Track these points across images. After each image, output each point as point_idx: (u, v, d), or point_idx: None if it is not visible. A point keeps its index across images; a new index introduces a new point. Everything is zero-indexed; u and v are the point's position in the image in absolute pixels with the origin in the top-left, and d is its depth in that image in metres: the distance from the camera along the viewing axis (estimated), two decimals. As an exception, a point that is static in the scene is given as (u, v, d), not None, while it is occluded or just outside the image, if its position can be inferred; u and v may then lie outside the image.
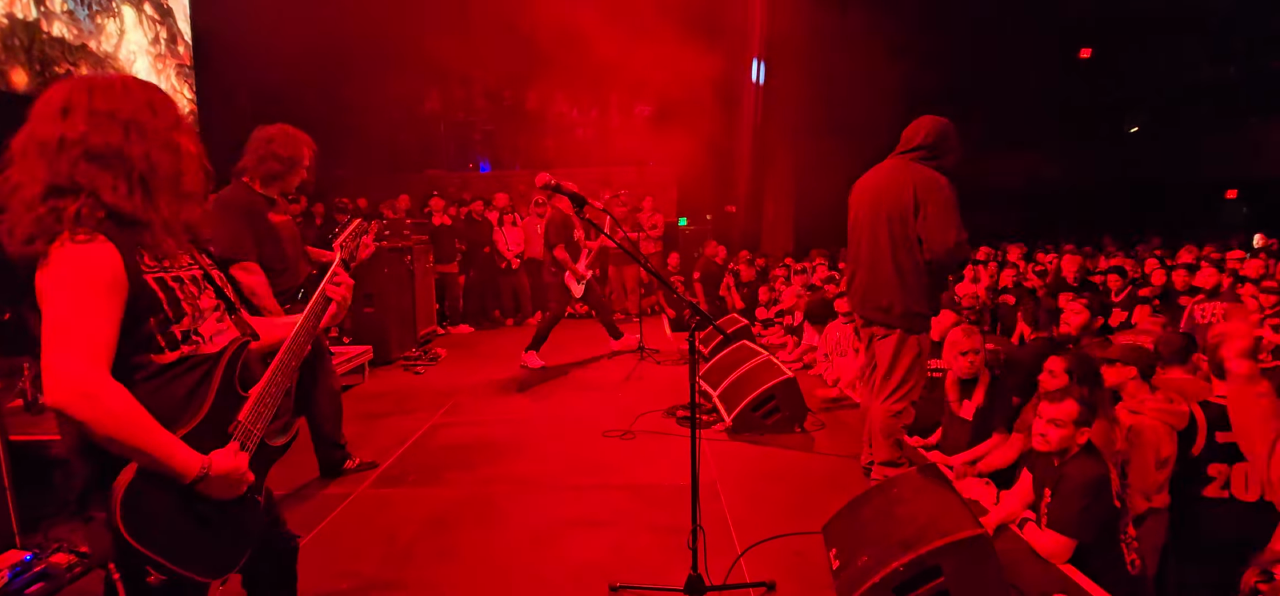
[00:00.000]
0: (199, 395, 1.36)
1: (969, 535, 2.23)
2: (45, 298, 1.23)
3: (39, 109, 1.32)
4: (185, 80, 9.20)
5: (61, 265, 1.23)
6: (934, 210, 3.15)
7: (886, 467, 3.39)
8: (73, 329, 1.21)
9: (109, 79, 1.37)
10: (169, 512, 1.27)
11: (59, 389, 1.19)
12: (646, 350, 6.55)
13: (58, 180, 1.26)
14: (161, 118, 1.38)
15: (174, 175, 1.38)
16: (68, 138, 1.28)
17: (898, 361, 3.32)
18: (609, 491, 3.52)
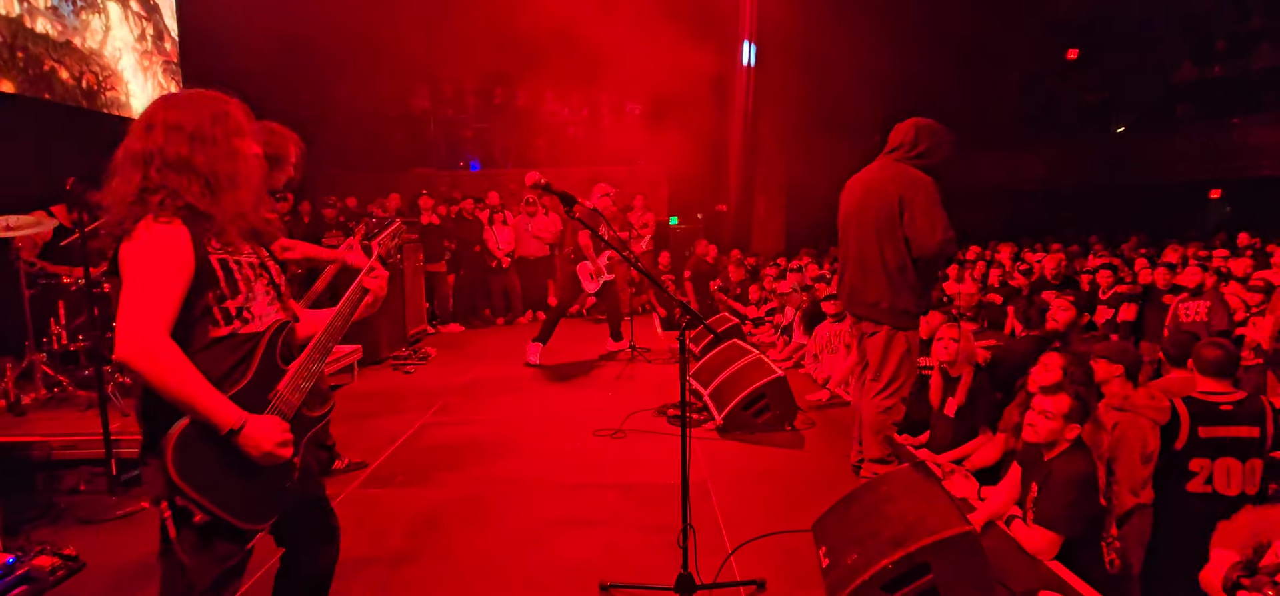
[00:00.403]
0: (244, 364, 1.57)
1: (957, 532, 2.25)
2: (125, 266, 1.48)
3: (134, 126, 1.59)
4: (172, 77, 9.10)
5: (142, 240, 1.47)
6: (919, 210, 3.19)
7: (876, 464, 3.41)
8: (143, 295, 1.44)
9: (183, 97, 1.64)
10: (213, 462, 1.48)
11: (125, 345, 1.41)
12: (637, 349, 6.55)
13: (147, 184, 1.52)
14: (222, 127, 1.60)
15: (233, 177, 1.60)
16: (149, 150, 1.54)
17: (887, 358, 3.35)
18: (599, 490, 3.52)
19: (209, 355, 1.52)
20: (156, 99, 1.64)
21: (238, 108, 1.67)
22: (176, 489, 1.45)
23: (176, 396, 1.43)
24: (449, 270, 8.75)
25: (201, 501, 1.46)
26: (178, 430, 1.45)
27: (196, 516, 1.47)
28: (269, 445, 1.53)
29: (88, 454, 3.57)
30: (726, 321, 6.70)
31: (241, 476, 1.53)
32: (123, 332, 1.41)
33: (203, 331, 1.54)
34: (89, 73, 7.67)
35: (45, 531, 3.11)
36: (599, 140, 12.24)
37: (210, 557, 1.51)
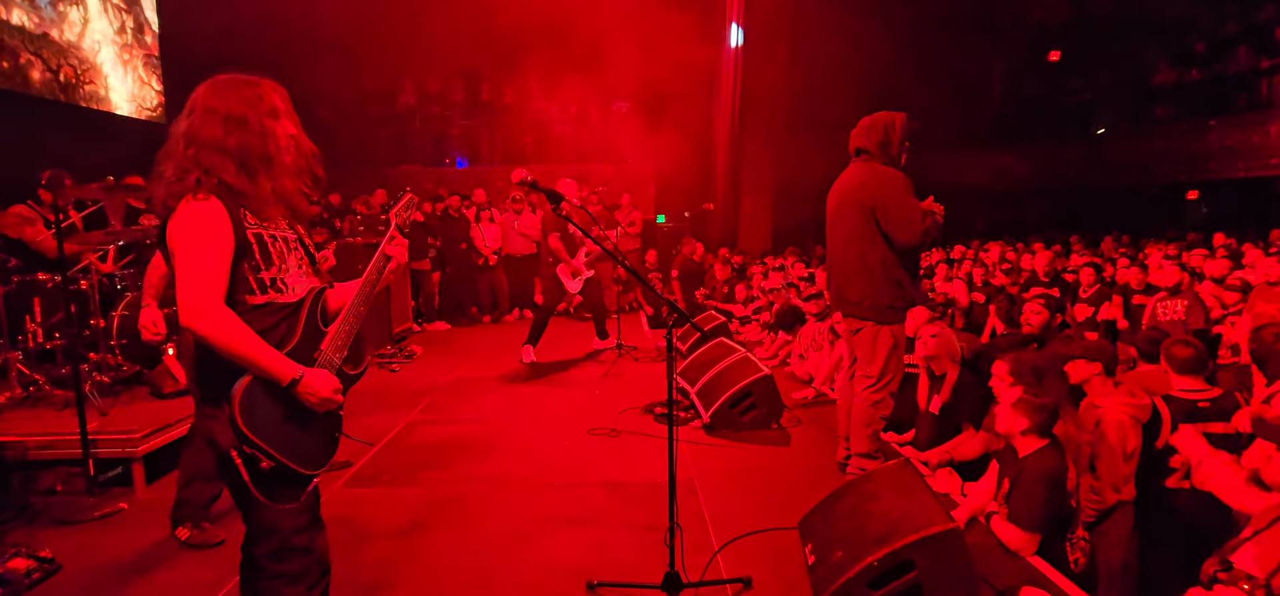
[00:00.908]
0: (289, 327, 1.72)
1: (941, 529, 2.27)
2: (173, 243, 1.62)
3: (183, 112, 1.70)
4: (153, 70, 8.95)
5: (184, 217, 1.61)
6: (892, 207, 3.26)
7: (863, 460, 3.44)
8: (195, 267, 1.58)
9: (223, 81, 1.72)
10: (275, 415, 1.65)
11: (188, 313, 1.55)
12: (624, 347, 6.55)
13: (186, 164, 1.65)
14: (255, 110, 1.70)
15: (267, 157, 1.71)
16: (189, 132, 1.67)
17: (875, 353, 3.39)
18: (586, 489, 3.51)
19: (250, 320, 1.64)
20: (204, 85, 1.72)
21: (272, 90, 1.76)
22: (244, 438, 1.60)
23: (241, 355, 1.59)
24: (434, 268, 8.69)
25: (268, 449, 1.62)
26: (242, 385, 1.60)
27: (263, 463, 1.63)
28: (326, 392, 1.71)
29: (64, 454, 3.50)
30: (713, 319, 6.71)
31: (299, 427, 1.70)
32: (184, 303, 1.56)
33: (240, 300, 1.66)
34: (67, 66, 7.53)
35: (20, 533, 3.05)
36: (586, 138, 12.21)
37: (280, 499, 1.70)
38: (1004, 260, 8.63)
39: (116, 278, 4.74)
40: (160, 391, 4.12)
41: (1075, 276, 6.62)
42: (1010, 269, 7.91)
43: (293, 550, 1.74)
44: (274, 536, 1.72)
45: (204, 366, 1.64)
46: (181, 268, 1.59)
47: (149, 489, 3.56)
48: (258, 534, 1.73)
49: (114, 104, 8.30)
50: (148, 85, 8.88)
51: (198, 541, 2.96)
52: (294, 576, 1.75)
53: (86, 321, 4.27)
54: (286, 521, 1.72)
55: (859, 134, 3.46)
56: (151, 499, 3.44)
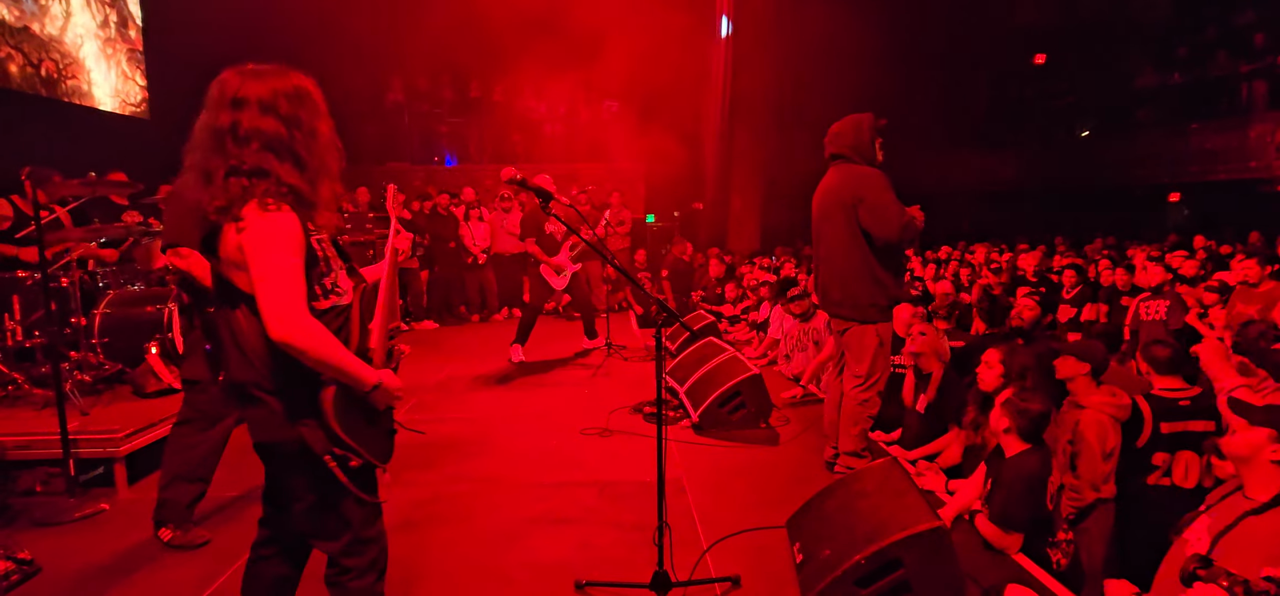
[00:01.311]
0: (345, 331, 1.73)
1: (928, 528, 2.28)
2: (253, 255, 1.55)
3: (216, 98, 1.62)
4: (137, 66, 8.83)
5: (264, 231, 1.55)
6: (872, 206, 3.30)
7: (851, 458, 3.46)
8: (281, 281, 1.55)
9: (269, 72, 1.66)
10: (356, 416, 1.70)
11: (281, 328, 1.53)
12: (614, 346, 6.55)
13: (243, 166, 1.58)
14: (306, 106, 1.68)
15: (322, 159, 1.70)
16: (245, 129, 1.58)
17: (862, 353, 3.41)
18: (575, 488, 3.51)
19: None
20: (232, 72, 1.65)
21: (314, 85, 1.73)
22: (338, 440, 1.65)
23: (332, 363, 1.60)
24: (423, 266, 8.64)
25: (357, 448, 1.68)
26: (330, 392, 1.63)
27: (353, 462, 1.69)
28: (395, 387, 1.77)
29: (44, 454, 3.45)
30: (702, 319, 6.73)
31: (372, 425, 1.76)
32: (276, 317, 1.54)
33: (310, 308, 1.65)
34: (49, 60, 7.41)
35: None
36: (576, 137, 12.18)
37: (367, 495, 1.77)
38: (990, 261, 8.72)
39: (98, 275, 4.67)
40: (143, 390, 4.07)
41: (1059, 277, 6.71)
42: (996, 269, 7.99)
43: (366, 541, 1.81)
44: (348, 531, 1.77)
45: (289, 376, 1.64)
46: (266, 281, 1.55)
47: (131, 489, 3.52)
48: (333, 532, 1.77)
49: (97, 100, 8.18)
50: (131, 80, 8.75)
51: (181, 542, 2.93)
52: (368, 566, 1.82)
53: (67, 319, 4.21)
54: (357, 515, 1.78)
55: (832, 139, 3.52)
56: (134, 499, 3.39)
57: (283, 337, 1.54)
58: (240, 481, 3.53)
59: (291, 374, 1.62)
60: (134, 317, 4.32)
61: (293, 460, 1.69)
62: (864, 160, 3.42)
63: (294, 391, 1.65)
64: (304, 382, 1.62)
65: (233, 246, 1.59)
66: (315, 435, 1.64)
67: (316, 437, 1.64)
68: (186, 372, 3.03)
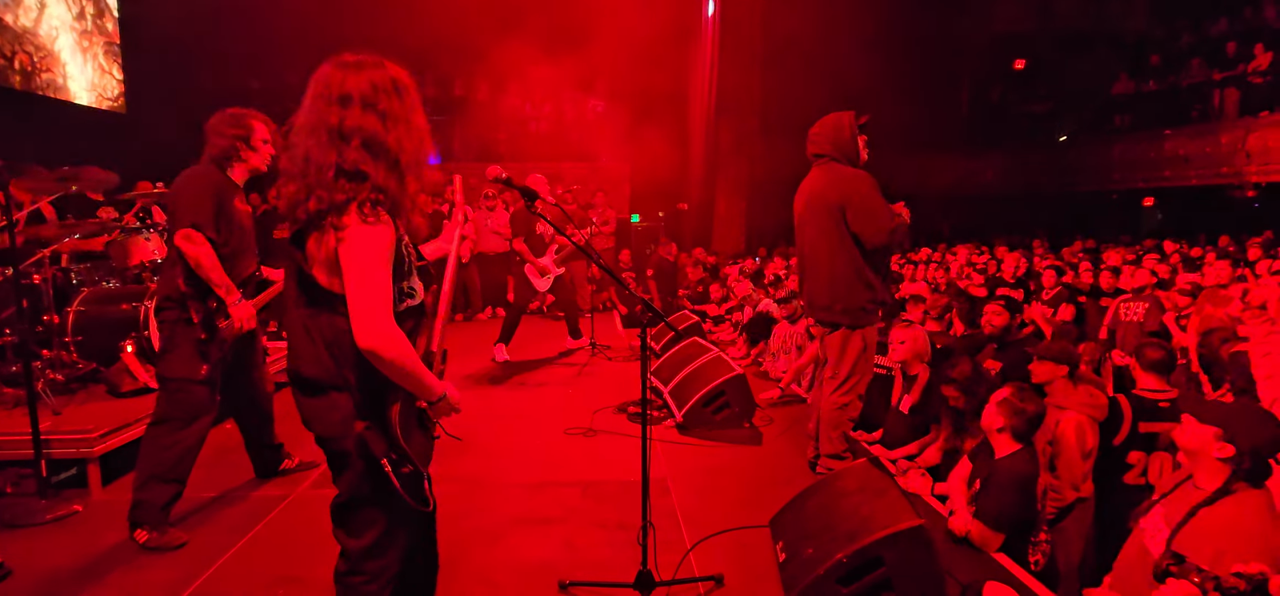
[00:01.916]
0: (414, 334, 1.74)
1: (908, 526, 2.31)
2: (350, 263, 1.57)
3: (318, 95, 1.62)
4: (113, 59, 8.66)
5: (361, 240, 1.57)
6: (860, 208, 3.28)
7: (832, 460, 3.48)
8: (373, 291, 1.57)
9: (367, 64, 1.64)
10: (413, 425, 1.74)
11: (370, 337, 1.56)
12: (598, 346, 6.54)
13: (345, 165, 1.58)
14: (404, 101, 1.67)
15: (415, 155, 1.69)
16: (348, 127, 1.59)
17: (844, 356, 3.42)
18: (559, 488, 3.50)
19: None
20: (333, 66, 1.64)
21: (404, 73, 1.71)
22: (398, 447, 1.67)
23: (410, 372, 1.63)
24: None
25: (412, 457, 1.71)
26: (396, 404, 1.67)
27: (406, 469, 1.71)
28: (456, 403, 1.81)
29: (15, 454, 3.37)
30: (687, 319, 6.74)
31: (423, 433, 1.80)
32: (367, 326, 1.56)
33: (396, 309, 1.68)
34: (22, 53, 7.25)
35: (-32, 537, 2.93)
36: (561, 136, 12.16)
37: (415, 502, 1.76)
38: (970, 263, 8.84)
39: (72, 273, 4.58)
40: (118, 390, 4.00)
41: (1037, 280, 6.82)
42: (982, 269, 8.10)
43: (387, 549, 1.81)
44: (374, 534, 1.78)
45: (363, 379, 1.67)
46: (359, 290, 1.57)
47: (105, 491, 3.45)
48: (360, 531, 1.78)
49: (73, 93, 8.01)
50: (108, 74, 8.59)
51: (158, 544, 2.88)
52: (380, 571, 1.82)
53: (40, 317, 4.12)
54: (385, 521, 1.79)
55: (813, 139, 3.49)
56: (108, 501, 3.33)
57: (370, 346, 1.57)
58: (217, 482, 3.49)
59: (365, 377, 1.66)
60: (109, 315, 4.23)
61: (347, 458, 1.72)
62: (847, 160, 3.39)
63: (365, 394, 1.68)
64: (381, 387, 1.66)
65: (328, 250, 1.60)
66: (376, 439, 1.66)
67: (377, 441, 1.66)
68: (165, 371, 2.99)
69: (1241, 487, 2.04)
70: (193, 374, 2.96)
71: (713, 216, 12.42)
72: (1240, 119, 10.91)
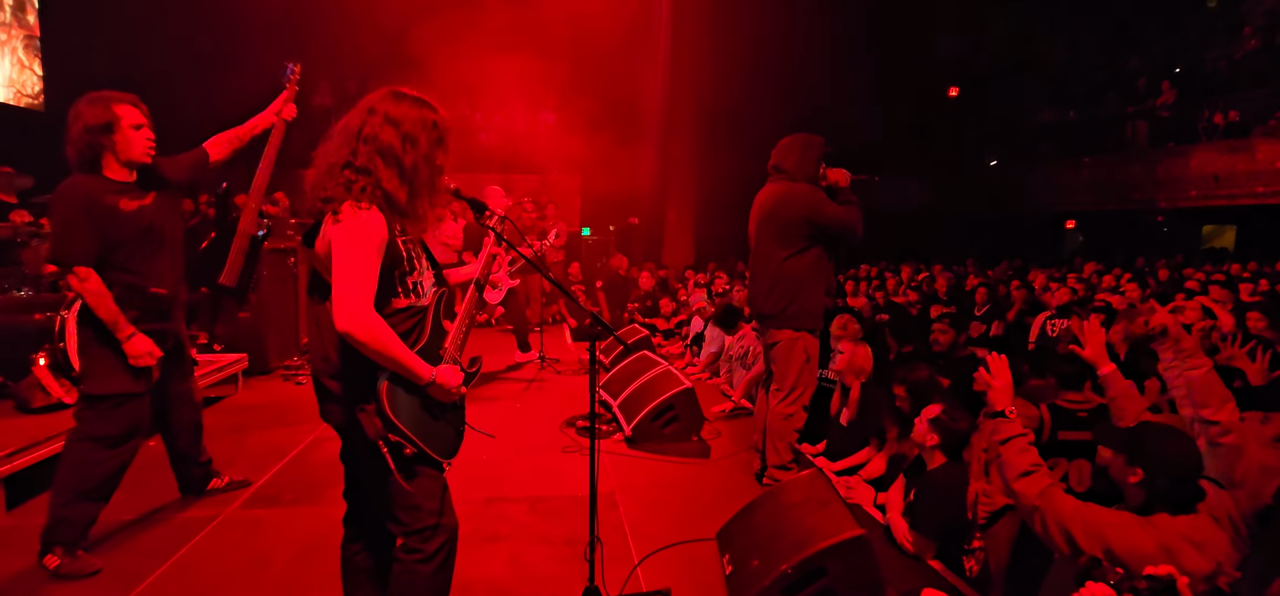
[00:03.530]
0: (419, 330, 1.87)
1: (850, 536, 2.37)
2: (335, 246, 1.70)
3: (357, 105, 1.83)
4: (34, 54, 8.13)
5: (348, 224, 1.69)
6: (829, 220, 3.44)
7: (778, 471, 3.55)
8: (354, 275, 1.68)
9: (405, 93, 1.86)
10: (413, 406, 1.83)
11: (345, 319, 1.66)
12: (547, 360, 6.49)
13: (354, 160, 1.75)
14: (429, 134, 1.83)
15: (428, 183, 1.85)
16: (366, 131, 1.77)
17: (788, 365, 3.51)
18: (505, 504, 3.44)
19: (392, 321, 1.78)
20: (385, 90, 1.86)
21: (443, 115, 1.89)
22: (392, 427, 1.77)
23: (389, 356, 1.72)
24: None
25: (411, 436, 1.80)
26: (385, 381, 1.77)
27: (407, 449, 1.81)
28: (453, 384, 1.88)
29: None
30: (636, 333, 6.76)
31: (434, 419, 1.89)
32: (342, 308, 1.67)
33: (388, 302, 1.80)
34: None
35: None
36: (511, 148, 12.07)
37: (422, 481, 1.88)
38: (912, 282, 9.19)
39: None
40: (28, 406, 3.73)
41: (970, 296, 7.14)
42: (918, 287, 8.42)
43: (437, 528, 1.92)
44: (416, 515, 1.89)
45: (352, 366, 1.79)
46: (341, 273, 1.68)
47: (11, 515, 3.20)
48: (401, 516, 1.89)
49: (-16, 87, 7.48)
50: (28, 70, 8.06)
51: (69, 570, 2.68)
52: (436, 551, 1.93)
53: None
54: (428, 502, 1.91)
55: (778, 153, 3.61)
56: (13, 526, 3.09)
57: (344, 328, 1.67)
58: (136, 503, 3.28)
59: (357, 364, 1.76)
60: (19, 326, 3.95)
61: (360, 445, 1.82)
62: (805, 180, 3.52)
63: (357, 380, 1.79)
64: (366, 372, 1.76)
65: (325, 239, 1.75)
66: (370, 422, 1.76)
67: (371, 423, 1.76)
68: (97, 387, 2.75)
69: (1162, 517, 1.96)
70: (130, 388, 2.76)
71: (664, 230, 12.52)
72: (1151, 149, 11.74)
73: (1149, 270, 9.15)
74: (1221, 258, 11.64)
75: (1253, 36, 11.47)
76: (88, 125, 2.64)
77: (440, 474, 1.96)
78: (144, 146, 2.76)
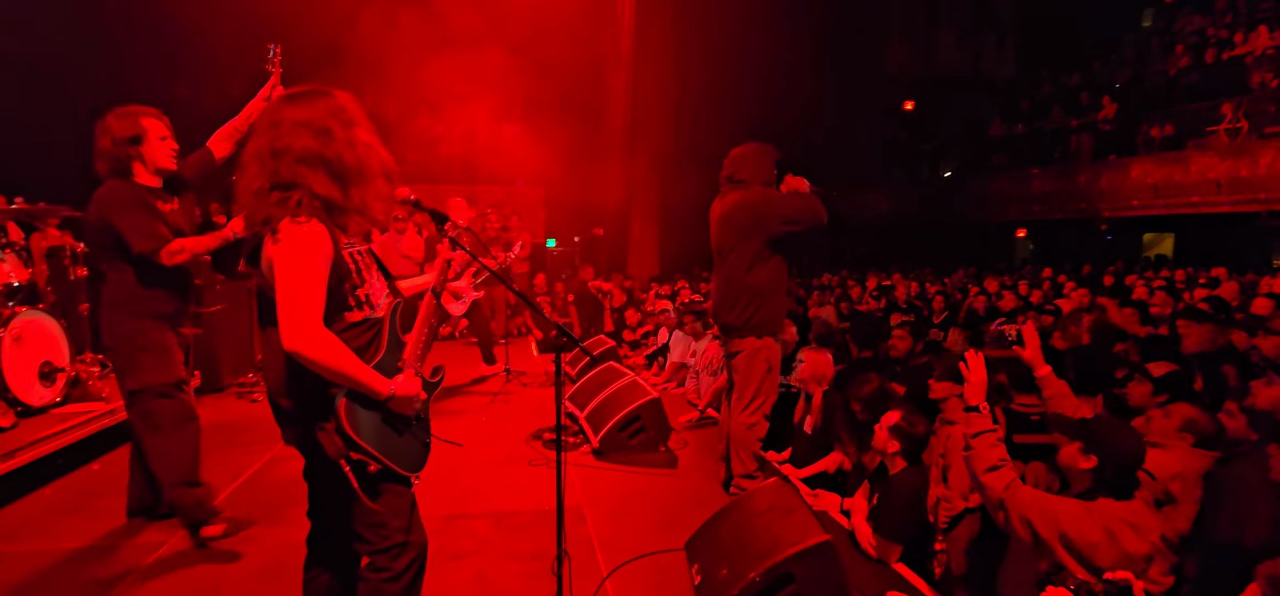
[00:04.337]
0: (376, 343, 1.83)
1: (817, 542, 2.40)
2: (277, 266, 1.64)
3: (259, 126, 1.77)
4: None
5: (288, 241, 1.64)
6: (789, 217, 3.46)
7: (745, 480, 3.57)
8: (298, 293, 1.63)
9: (300, 94, 1.79)
10: (374, 421, 1.77)
11: (293, 339, 1.61)
12: (512, 372, 6.42)
13: (279, 179, 1.69)
14: (339, 119, 1.76)
15: (357, 169, 1.77)
16: (278, 147, 1.70)
17: (750, 376, 3.54)
18: (471, 520, 3.39)
19: (347, 337, 1.73)
20: (277, 100, 1.83)
21: (348, 98, 1.81)
22: (352, 444, 1.72)
23: (344, 373, 1.67)
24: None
25: (374, 453, 1.74)
26: (343, 398, 1.70)
27: (371, 467, 1.76)
28: (411, 392, 1.82)
29: None
30: (603, 344, 6.74)
31: (397, 433, 1.83)
32: (291, 328, 1.61)
33: (341, 316, 1.75)
34: None
35: None
36: (475, 159, 11.96)
37: (388, 498, 1.83)
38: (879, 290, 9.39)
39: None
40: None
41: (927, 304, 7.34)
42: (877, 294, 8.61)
43: (405, 546, 1.88)
44: (383, 533, 1.84)
45: (305, 385, 1.72)
46: (286, 292, 1.62)
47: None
48: (367, 535, 1.85)
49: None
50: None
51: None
52: (404, 569, 1.88)
53: None
54: (395, 520, 1.86)
55: (732, 162, 3.64)
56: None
57: (294, 348, 1.61)
58: (83, 532, 3.12)
59: (310, 383, 1.70)
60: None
61: (320, 465, 1.78)
62: (763, 186, 3.56)
63: (312, 400, 1.73)
64: (320, 391, 1.71)
65: (267, 260, 1.69)
66: (330, 441, 1.72)
67: (331, 442, 1.72)
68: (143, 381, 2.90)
69: (1104, 499, 2.17)
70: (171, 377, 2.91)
71: (628, 241, 12.54)
72: (1093, 161, 12.27)
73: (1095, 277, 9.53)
74: (1162, 264, 12.22)
75: (1184, 55, 12.12)
76: (117, 138, 2.82)
77: (408, 489, 1.91)
78: (169, 155, 2.95)
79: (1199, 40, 12.18)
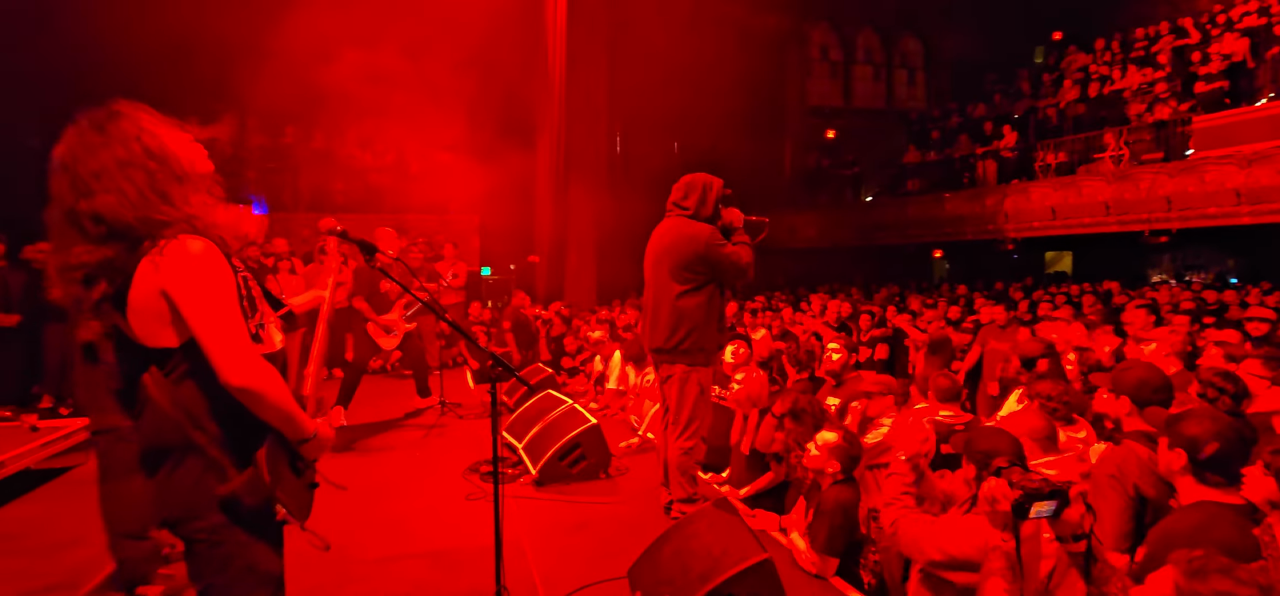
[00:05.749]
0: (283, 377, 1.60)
1: (756, 561, 2.45)
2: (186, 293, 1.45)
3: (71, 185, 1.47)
4: None
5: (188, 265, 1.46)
6: (718, 261, 3.55)
7: (684, 504, 3.60)
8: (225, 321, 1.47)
9: (88, 124, 1.50)
10: (286, 470, 1.60)
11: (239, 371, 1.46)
12: (447, 404, 6.26)
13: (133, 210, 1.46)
14: (108, 135, 1.49)
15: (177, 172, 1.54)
16: (81, 207, 1.44)
17: (683, 400, 3.60)
18: (405, 562, 3.27)
19: None
20: (65, 143, 1.50)
21: (124, 104, 1.58)
22: (269, 492, 1.54)
23: (283, 408, 1.53)
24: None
25: (285, 502, 1.58)
26: (265, 447, 1.52)
27: (279, 514, 1.58)
28: (328, 434, 1.69)
29: None
30: (540, 372, 6.67)
31: (296, 476, 1.65)
32: (230, 362, 1.44)
33: None
34: None
35: None
36: (406, 188, 11.70)
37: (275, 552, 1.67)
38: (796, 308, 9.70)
39: None
40: None
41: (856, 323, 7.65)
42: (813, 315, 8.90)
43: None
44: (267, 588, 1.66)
45: (237, 423, 1.52)
46: (211, 323, 1.44)
47: None
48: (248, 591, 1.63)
49: None
50: None
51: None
52: None
53: None
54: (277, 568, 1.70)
55: (679, 190, 3.72)
56: None
57: (240, 383, 1.45)
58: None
59: (241, 421, 1.51)
60: None
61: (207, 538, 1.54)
62: (705, 219, 3.65)
63: (241, 440, 1.52)
64: (251, 431, 1.52)
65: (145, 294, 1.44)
66: (248, 491, 1.52)
67: (250, 494, 1.51)
68: None
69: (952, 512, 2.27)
70: None
71: (564, 269, 12.51)
72: (999, 185, 13.16)
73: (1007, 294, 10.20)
74: (1062, 279, 13.18)
75: (1072, 88, 13.25)
76: None
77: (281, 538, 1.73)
78: None
79: (1084, 76, 13.36)
